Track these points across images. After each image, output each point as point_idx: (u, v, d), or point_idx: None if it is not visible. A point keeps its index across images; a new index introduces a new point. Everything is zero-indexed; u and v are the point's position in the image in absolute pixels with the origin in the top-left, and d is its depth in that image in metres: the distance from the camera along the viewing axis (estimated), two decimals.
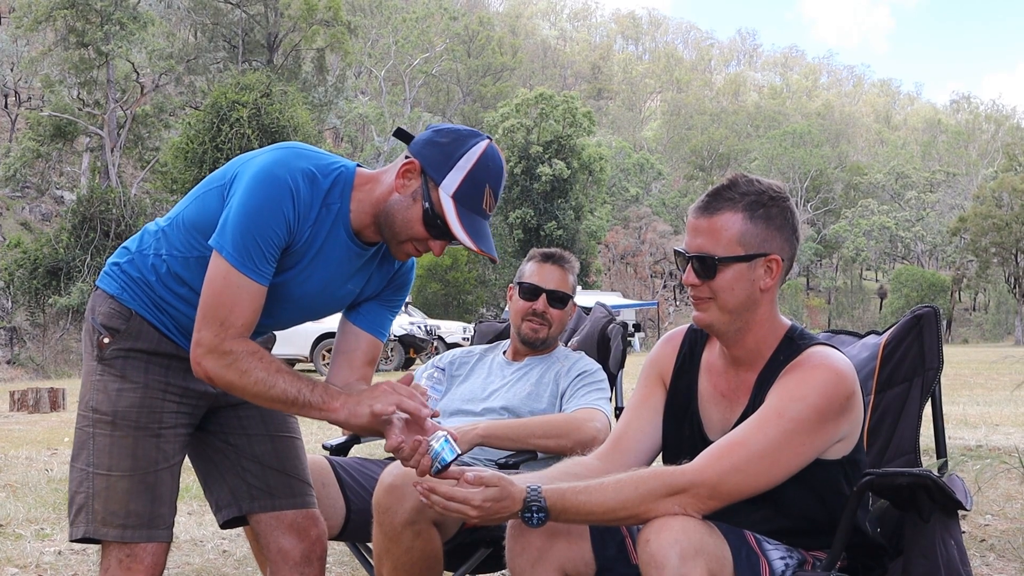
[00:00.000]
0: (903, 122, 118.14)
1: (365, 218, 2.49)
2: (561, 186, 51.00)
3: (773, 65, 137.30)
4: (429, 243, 2.46)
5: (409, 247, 2.48)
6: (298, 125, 35.73)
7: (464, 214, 2.39)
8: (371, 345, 2.72)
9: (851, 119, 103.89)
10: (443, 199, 2.38)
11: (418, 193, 2.41)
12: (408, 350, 24.12)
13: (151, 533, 2.52)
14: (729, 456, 2.22)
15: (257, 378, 2.36)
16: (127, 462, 2.50)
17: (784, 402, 2.26)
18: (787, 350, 2.38)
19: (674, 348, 2.62)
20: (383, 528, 2.82)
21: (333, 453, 3.50)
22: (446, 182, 2.38)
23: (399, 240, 2.47)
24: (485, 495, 2.21)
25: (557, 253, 3.67)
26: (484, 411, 3.46)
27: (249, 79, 36.61)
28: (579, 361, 3.59)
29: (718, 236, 2.33)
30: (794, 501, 2.33)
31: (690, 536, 2.11)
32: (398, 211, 2.43)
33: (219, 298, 2.35)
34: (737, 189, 2.35)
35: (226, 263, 2.33)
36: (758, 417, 2.27)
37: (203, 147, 34.70)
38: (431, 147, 2.42)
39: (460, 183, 2.38)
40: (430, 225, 2.41)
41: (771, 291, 2.38)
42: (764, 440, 2.22)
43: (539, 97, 52.01)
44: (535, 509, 2.22)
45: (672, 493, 2.20)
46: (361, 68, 64.89)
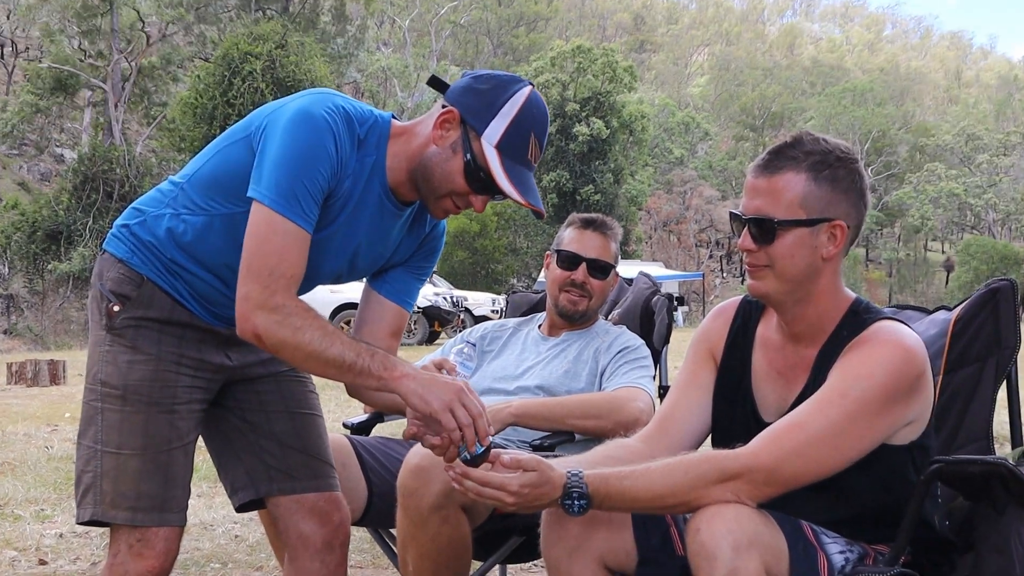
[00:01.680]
0: (975, 78, 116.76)
1: (401, 173, 2.49)
2: (599, 147, 50.82)
3: (832, 15, 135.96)
4: (470, 198, 2.46)
5: (448, 203, 2.48)
6: (315, 79, 35.78)
7: (509, 165, 2.39)
8: (397, 315, 2.74)
9: (917, 75, 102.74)
10: (486, 149, 2.38)
11: (458, 144, 2.40)
12: (433, 323, 24.16)
13: (163, 516, 2.53)
14: (787, 439, 2.21)
15: (312, 337, 2.32)
16: (138, 440, 2.51)
17: (848, 381, 2.24)
18: (851, 325, 2.36)
19: (726, 321, 2.61)
20: (408, 513, 2.83)
21: (354, 432, 3.52)
22: (489, 131, 2.38)
23: (438, 195, 2.47)
24: (523, 480, 2.21)
25: (599, 219, 3.66)
26: (517, 390, 3.46)
27: (263, 29, 36.67)
28: (620, 336, 3.58)
29: (779, 197, 2.31)
30: (856, 490, 2.32)
31: (744, 526, 2.11)
32: (437, 164, 2.43)
33: (265, 247, 2.32)
34: (801, 147, 2.33)
35: (268, 210, 2.31)
36: (819, 397, 2.25)
37: (213, 102, 34.82)
38: (471, 94, 2.42)
39: (504, 132, 2.38)
40: (472, 178, 2.41)
41: (834, 260, 2.36)
42: (826, 422, 2.21)
43: (576, 50, 51.76)
44: (576, 496, 2.22)
45: (725, 479, 2.19)
46: (384, 17, 64.79)
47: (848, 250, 2.39)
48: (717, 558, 2.07)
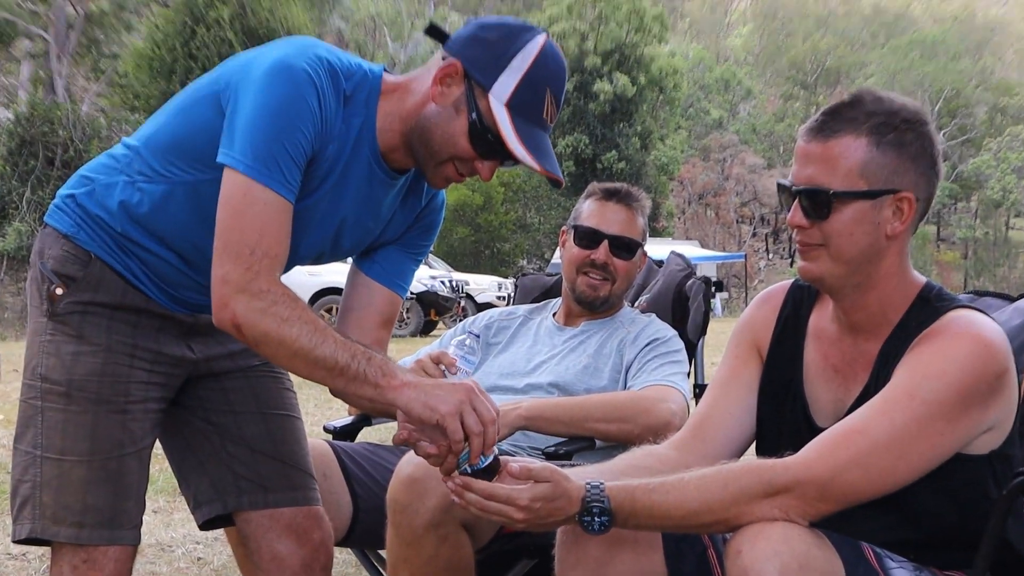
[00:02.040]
0: None
1: (394, 136, 2.50)
2: (624, 107, 50.79)
3: None
4: (476, 164, 2.48)
5: (450, 170, 2.49)
6: (293, 28, 35.76)
7: (521, 126, 2.39)
8: (388, 302, 2.75)
9: (998, 24, 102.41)
10: (495, 108, 2.38)
11: (461, 102, 2.41)
12: (428, 311, 24.19)
13: (113, 534, 2.54)
14: (845, 448, 2.20)
15: (300, 332, 2.30)
16: (85, 444, 2.51)
17: (917, 380, 2.23)
18: (921, 314, 2.36)
19: (773, 309, 2.61)
20: (400, 532, 2.84)
21: (337, 437, 3.53)
22: (497, 87, 2.38)
23: (438, 161, 2.47)
24: (534, 493, 2.21)
25: (623, 188, 3.66)
26: (528, 388, 3.47)
27: None
28: (649, 326, 3.58)
29: (835, 165, 2.30)
30: (926, 507, 2.31)
31: (793, 547, 2.10)
32: (437, 125, 2.43)
33: (243, 220, 2.31)
34: (862, 107, 2.32)
35: (244, 177, 2.30)
36: (883, 398, 2.25)
37: (173, 55, 34.85)
38: (476, 45, 2.42)
39: (515, 88, 2.38)
40: (478, 141, 2.42)
41: (901, 239, 2.35)
42: (890, 428, 2.20)
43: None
44: (597, 511, 2.21)
45: (771, 493, 2.18)
46: None
47: (917, 227, 2.39)
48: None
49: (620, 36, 50.88)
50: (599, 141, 50.88)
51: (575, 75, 50.16)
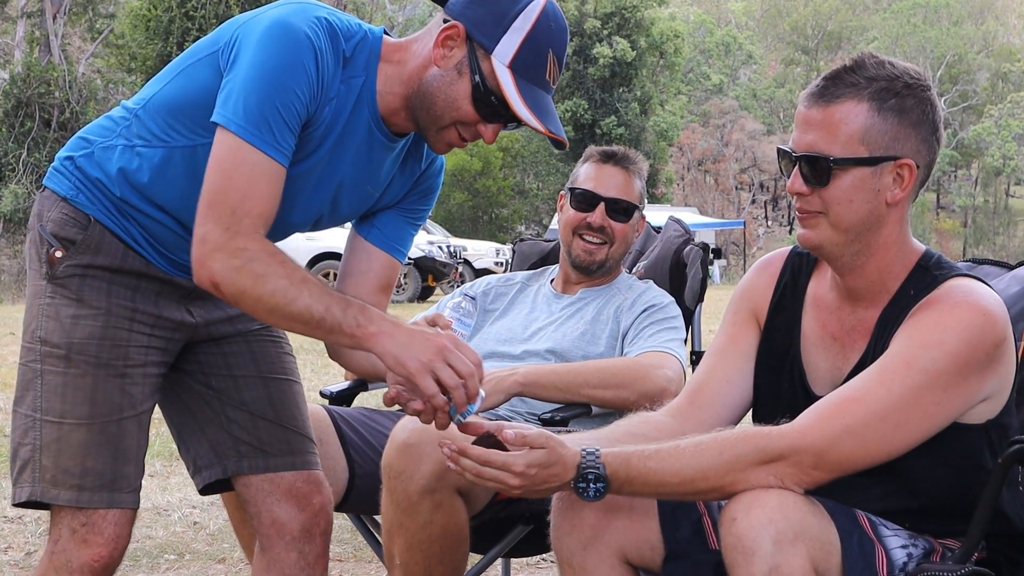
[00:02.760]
0: None
1: (395, 99, 2.50)
2: (623, 71, 50.64)
3: None
4: (479, 128, 2.46)
5: (452, 134, 2.49)
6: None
7: (525, 87, 2.39)
8: (387, 266, 2.75)
9: None
10: (498, 70, 2.38)
11: (464, 65, 2.41)
12: (426, 276, 24.18)
13: (113, 497, 2.54)
14: (841, 415, 2.21)
15: (276, 288, 2.32)
16: (84, 407, 2.51)
17: (915, 348, 2.24)
18: (920, 282, 2.35)
19: (772, 277, 2.60)
20: (395, 497, 2.84)
21: (333, 402, 3.52)
22: (500, 48, 2.38)
23: (440, 125, 2.47)
24: (529, 459, 2.21)
25: (620, 151, 3.65)
26: (525, 354, 3.47)
27: None
28: (646, 292, 3.58)
29: (835, 131, 2.29)
30: (922, 475, 2.31)
31: (788, 515, 2.11)
32: (439, 88, 2.43)
33: (229, 180, 2.32)
34: (864, 72, 2.31)
35: (235, 138, 2.31)
36: (880, 367, 2.25)
37: (169, 14, 34.69)
38: (477, 6, 2.41)
39: (518, 49, 2.38)
40: (482, 103, 2.42)
41: (901, 206, 2.35)
42: (887, 396, 2.20)
43: None
44: (592, 478, 2.21)
45: (767, 460, 2.18)
46: None
47: (917, 194, 2.39)
48: (756, 553, 2.07)
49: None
50: (598, 106, 50.74)
51: (574, 38, 49.93)
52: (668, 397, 2.96)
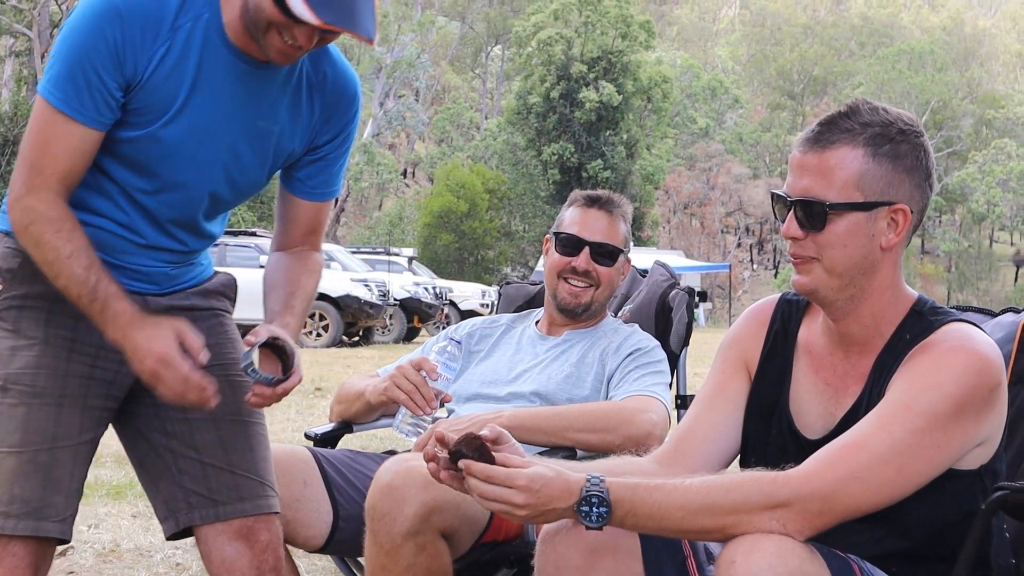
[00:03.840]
0: None
1: (237, 23, 2.51)
2: (610, 115, 50.91)
3: None
4: (291, 30, 2.41)
5: (275, 38, 2.44)
6: None
7: None
8: (311, 213, 2.87)
9: (985, 35, 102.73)
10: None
11: None
12: (412, 317, 24.22)
13: (39, 525, 2.55)
14: (845, 461, 2.19)
15: (46, 258, 2.47)
16: (16, 436, 2.55)
17: (914, 391, 2.23)
18: (915, 327, 2.36)
19: (762, 325, 2.60)
20: (378, 539, 2.83)
21: (318, 444, 3.52)
22: None
23: (260, 30, 2.44)
24: (533, 474, 2.16)
25: (605, 195, 3.66)
26: (510, 396, 3.47)
27: None
28: (632, 336, 3.59)
29: (831, 176, 2.30)
30: (916, 521, 2.31)
31: (787, 562, 2.09)
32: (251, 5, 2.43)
33: (32, 140, 2.48)
34: (858, 118, 2.32)
35: (42, 101, 2.46)
36: (880, 412, 2.24)
37: None
38: None
39: None
40: (280, 5, 2.36)
41: (895, 251, 2.35)
42: (890, 440, 2.20)
43: (584, 2, 51.75)
44: (596, 502, 2.16)
45: (772, 506, 2.16)
46: None
47: (910, 240, 2.40)
48: None
49: (607, 43, 51.02)
50: (584, 149, 50.98)
51: (560, 83, 50.31)
52: (653, 441, 2.96)
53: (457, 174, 49.26)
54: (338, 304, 22.07)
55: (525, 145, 52.88)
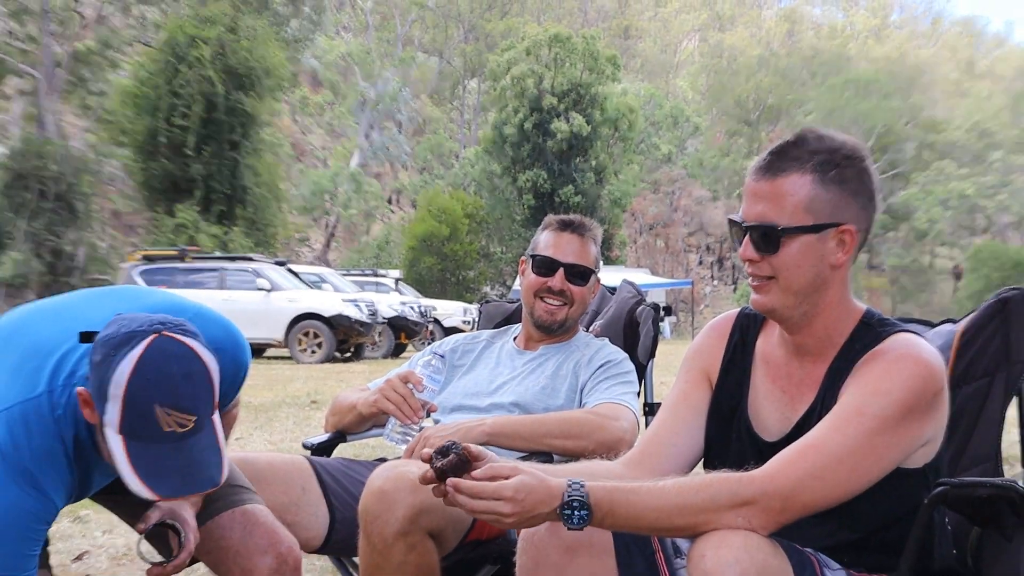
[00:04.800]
0: (989, 70, 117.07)
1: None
2: (580, 144, 50.92)
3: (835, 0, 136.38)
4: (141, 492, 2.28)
5: None
6: (270, 67, 35.69)
7: (138, 449, 2.23)
8: None
9: (926, 65, 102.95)
10: (110, 438, 2.23)
11: (98, 430, 2.29)
12: (399, 334, 24.18)
13: None
14: (803, 462, 2.21)
15: None
16: None
17: (866, 397, 2.25)
18: (864, 337, 2.38)
19: (722, 338, 2.62)
20: (371, 540, 2.84)
21: (315, 453, 3.52)
22: (107, 416, 2.22)
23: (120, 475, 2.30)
24: (518, 483, 2.17)
25: (577, 220, 3.68)
26: (491, 407, 3.48)
27: (211, 11, 36.52)
28: (602, 349, 3.60)
29: (783, 202, 2.32)
30: (866, 515, 2.33)
31: (752, 555, 2.11)
32: (101, 448, 2.33)
33: None
34: (806, 146, 2.35)
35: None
36: (835, 416, 2.27)
37: (157, 91, 34.72)
38: (92, 368, 2.27)
39: (120, 415, 2.21)
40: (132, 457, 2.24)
41: (843, 268, 2.38)
42: (844, 441, 2.22)
43: (554, 39, 51.78)
44: (577, 506, 2.16)
45: (738, 504, 2.18)
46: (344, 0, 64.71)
47: (857, 256, 2.42)
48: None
49: (575, 76, 51.02)
50: (556, 176, 50.99)
51: (533, 114, 50.33)
52: (624, 446, 2.98)
53: (438, 200, 49.18)
54: (330, 323, 22.03)
55: (501, 172, 52.82)
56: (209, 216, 34.78)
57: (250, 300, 22.17)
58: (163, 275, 23.00)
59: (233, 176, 35.38)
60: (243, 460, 3.10)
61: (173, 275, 22.94)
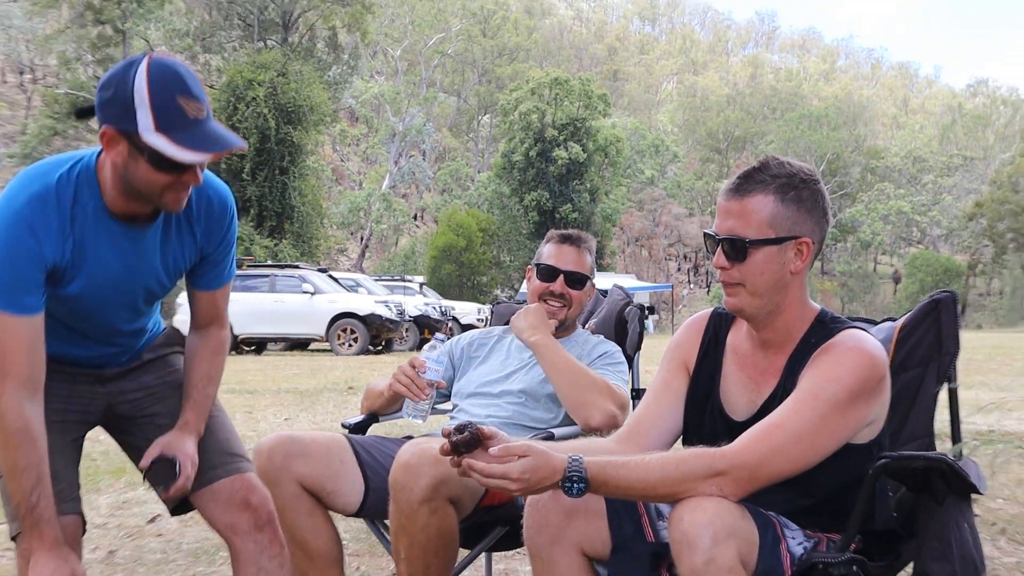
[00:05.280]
0: (920, 106, 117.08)
1: (119, 199, 2.47)
2: (577, 169, 50.99)
3: (791, 47, 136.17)
4: (181, 181, 2.40)
5: (169, 196, 2.43)
6: (315, 104, 35.71)
7: (180, 136, 2.30)
8: (212, 298, 2.82)
9: (868, 102, 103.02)
10: (151, 139, 2.30)
11: (131, 151, 2.34)
12: (423, 330, 24.18)
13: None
14: (767, 439, 2.22)
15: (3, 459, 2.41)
16: None
17: (820, 383, 2.26)
18: (819, 333, 2.39)
19: (698, 333, 2.62)
20: (399, 505, 2.83)
21: (352, 432, 3.52)
22: (141, 124, 2.30)
23: (156, 196, 2.43)
24: (523, 467, 2.19)
25: (575, 234, 3.67)
26: (502, 393, 3.47)
27: (265, 58, 36.59)
28: (599, 344, 3.59)
29: (749, 218, 2.33)
30: (821, 483, 2.34)
31: (724, 518, 2.11)
32: (133, 176, 2.38)
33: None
34: (768, 171, 2.35)
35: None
36: (794, 400, 2.27)
37: None
38: (107, 107, 2.34)
39: (153, 115, 2.29)
40: (164, 168, 2.35)
41: (801, 274, 2.39)
42: (801, 421, 2.23)
43: (553, 82, 51.87)
44: (576, 479, 2.20)
45: (711, 475, 2.18)
46: (377, 48, 64.79)
47: (812, 264, 2.42)
48: (697, 547, 2.07)
49: (572, 112, 51.09)
50: (557, 196, 51.06)
51: (537, 144, 50.38)
52: (618, 423, 3.01)
53: (456, 217, 49.22)
54: (365, 321, 22.05)
55: (510, 193, 52.85)
56: (262, 231, 34.80)
57: (296, 302, 22.19)
58: None
59: (282, 197, 35.39)
60: (291, 437, 3.09)
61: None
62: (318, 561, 3.05)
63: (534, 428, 3.35)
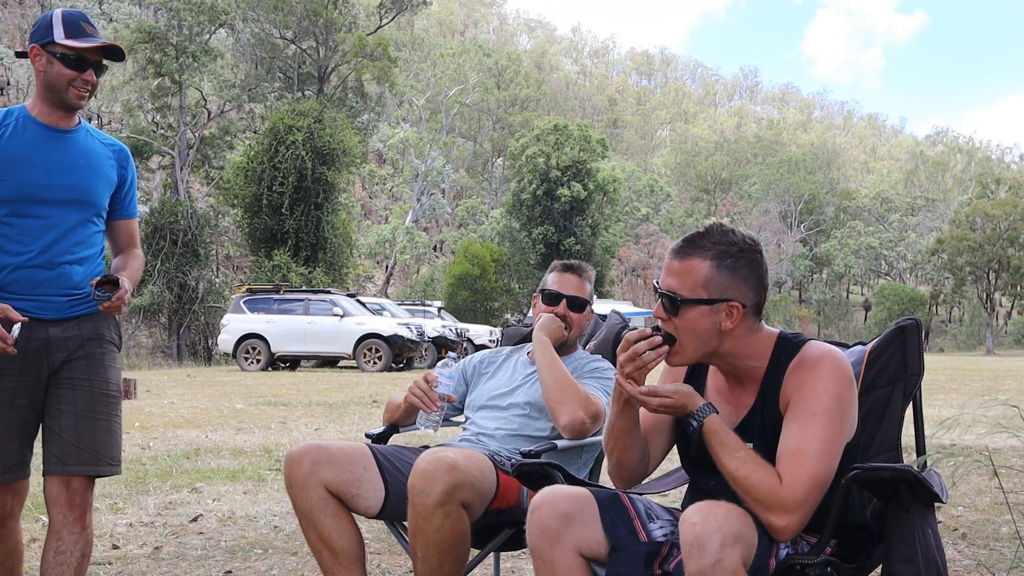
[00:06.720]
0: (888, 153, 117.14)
1: (43, 106, 3.05)
2: (579, 206, 51.08)
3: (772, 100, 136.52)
4: (81, 78, 3.00)
5: (71, 93, 3.01)
6: (347, 148, 35.87)
7: (81, 40, 2.99)
8: (128, 226, 3.30)
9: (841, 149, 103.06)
10: (64, 42, 2.97)
11: (51, 59, 2.99)
12: (440, 350, 24.17)
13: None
14: (797, 466, 2.21)
15: None
16: None
17: (811, 400, 2.25)
18: (785, 349, 2.37)
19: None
20: (416, 508, 2.82)
21: (375, 441, 3.50)
22: (56, 34, 2.99)
23: (63, 90, 3.00)
24: (675, 387, 2.32)
25: (576, 264, 3.66)
26: (509, 406, 3.45)
27: (303, 106, 36.75)
28: (593, 360, 3.57)
29: (685, 279, 2.33)
30: None
31: (732, 524, 2.10)
32: (50, 76, 3.00)
33: None
34: (710, 238, 2.36)
35: None
36: (798, 425, 2.26)
37: (262, 166, 34.90)
38: (34, 33, 3.03)
39: (63, 26, 3.00)
40: (71, 63, 2.98)
41: (734, 331, 2.36)
42: (814, 439, 2.22)
43: (555, 128, 52.17)
44: (700, 416, 2.29)
45: (777, 508, 2.19)
46: (403, 98, 65.19)
47: (756, 318, 2.39)
48: (707, 549, 2.05)
49: (574, 155, 51.28)
50: (562, 231, 51.15)
51: (543, 184, 50.51)
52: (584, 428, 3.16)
53: (472, 249, 49.27)
54: (388, 341, 22.11)
55: (519, 228, 52.95)
56: (298, 259, 34.86)
57: (327, 323, 22.24)
58: (262, 304, 23.08)
59: (317, 229, 35.45)
60: (318, 446, 3.08)
61: (270, 304, 23.03)
62: (342, 558, 3.03)
63: (537, 439, 3.32)
